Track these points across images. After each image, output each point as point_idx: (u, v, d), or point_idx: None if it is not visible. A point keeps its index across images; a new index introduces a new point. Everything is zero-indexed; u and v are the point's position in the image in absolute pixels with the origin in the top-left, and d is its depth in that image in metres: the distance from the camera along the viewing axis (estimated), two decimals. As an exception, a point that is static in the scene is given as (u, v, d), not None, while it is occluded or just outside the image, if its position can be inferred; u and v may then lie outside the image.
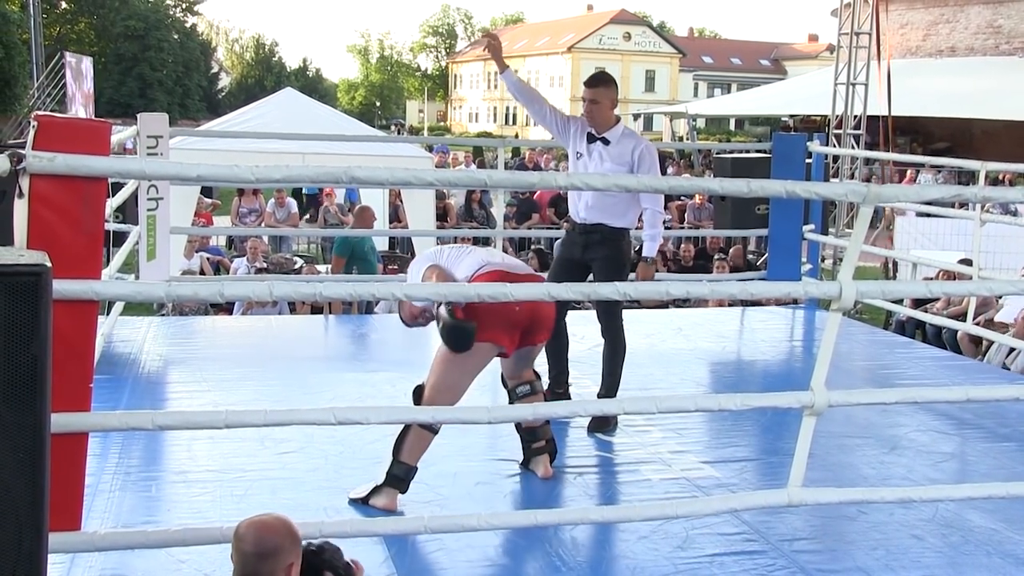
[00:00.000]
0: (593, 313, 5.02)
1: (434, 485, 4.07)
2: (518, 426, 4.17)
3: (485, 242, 11.78)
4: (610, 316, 4.86)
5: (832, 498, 3.45)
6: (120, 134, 6.00)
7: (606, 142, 4.79)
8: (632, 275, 5.05)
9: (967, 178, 19.25)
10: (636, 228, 4.97)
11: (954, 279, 8.73)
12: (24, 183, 2.53)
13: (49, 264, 2.03)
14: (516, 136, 56.76)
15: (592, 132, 4.82)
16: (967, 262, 7.56)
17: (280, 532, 2.25)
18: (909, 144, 24.62)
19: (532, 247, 12.39)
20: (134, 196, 6.38)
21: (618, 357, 4.87)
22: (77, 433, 2.67)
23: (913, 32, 26.60)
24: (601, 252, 4.83)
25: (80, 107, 17.24)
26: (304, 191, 15.61)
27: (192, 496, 3.88)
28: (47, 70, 20.25)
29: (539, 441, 4.16)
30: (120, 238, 6.45)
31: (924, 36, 26.50)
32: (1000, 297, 8.88)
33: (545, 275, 5.03)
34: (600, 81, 4.89)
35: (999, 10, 24.77)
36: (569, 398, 4.88)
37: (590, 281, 4.77)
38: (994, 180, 17.68)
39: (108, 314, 6.20)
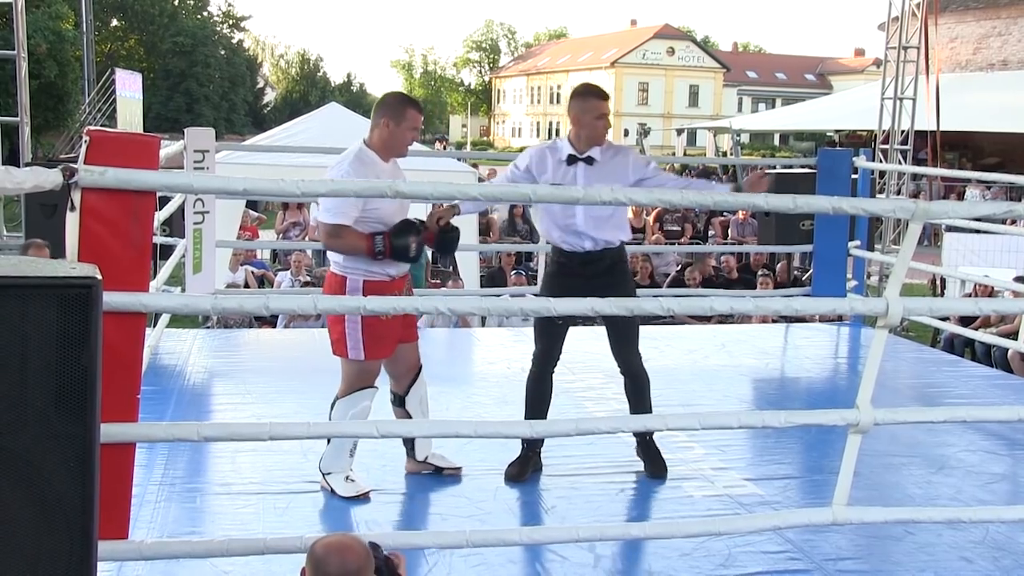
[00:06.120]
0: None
1: (475, 500, 4.08)
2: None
3: (528, 257, 11.81)
4: (632, 346, 4.39)
5: (877, 517, 3.40)
6: (168, 148, 6.10)
7: (590, 161, 4.21)
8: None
9: (1018, 194, 18.94)
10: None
11: (991, 294, 8.61)
12: (76, 197, 2.58)
13: (99, 277, 2.06)
14: (559, 151, 56.75)
15: (574, 153, 4.22)
16: (1022, 280, 7.43)
17: (361, 554, 2.25)
18: (958, 159, 24.30)
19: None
20: (180, 210, 6.48)
21: (648, 395, 4.41)
22: (125, 443, 2.71)
23: (963, 46, 26.27)
24: (609, 280, 4.18)
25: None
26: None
27: (236, 508, 3.91)
28: (98, 86, 20.62)
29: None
30: (167, 251, 6.55)
31: (975, 50, 26.16)
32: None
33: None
34: (607, 95, 4.43)
35: (1052, 23, 24.41)
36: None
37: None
38: (1046, 196, 17.37)
39: (155, 326, 6.29)
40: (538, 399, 4.41)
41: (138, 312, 2.66)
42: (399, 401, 4.27)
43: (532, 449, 4.37)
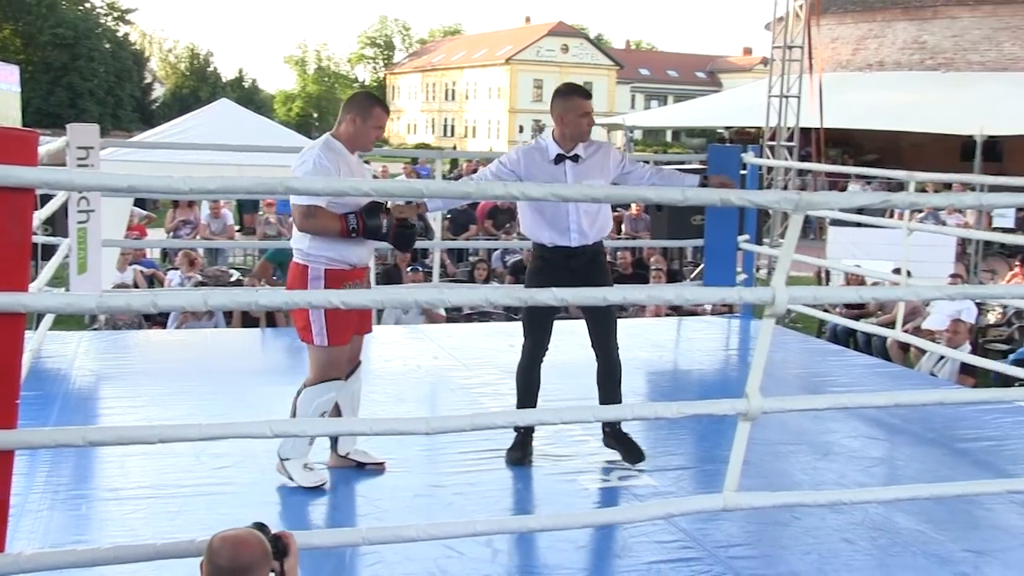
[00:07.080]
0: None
1: (372, 498, 4.06)
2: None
3: (424, 253, 11.77)
4: (613, 335, 4.59)
5: (766, 502, 3.50)
6: (49, 145, 5.88)
7: (576, 159, 4.35)
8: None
9: (896, 189, 19.72)
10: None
11: (862, 283, 9.00)
12: (-54, 194, 2.46)
13: (-28, 276, 1.98)
14: (454, 148, 56.80)
15: (561, 152, 4.35)
16: (899, 271, 7.75)
17: (256, 550, 2.30)
18: (840, 156, 25.10)
19: (471, 258, 12.38)
20: (64, 208, 6.25)
21: (620, 385, 4.60)
22: (2, 451, 2.60)
23: (843, 47, 27.19)
24: (592, 270, 4.40)
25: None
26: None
27: (124, 514, 3.80)
28: (-28, 79, 19.72)
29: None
30: (49, 251, 6.32)
31: (854, 51, 27.11)
32: (928, 304, 9.12)
33: None
34: (590, 94, 4.54)
35: (924, 26, 25.46)
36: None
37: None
38: (920, 191, 18.14)
39: (36, 328, 6.06)
40: (530, 388, 4.57)
41: (16, 313, 2.56)
42: None
43: (527, 434, 4.53)
